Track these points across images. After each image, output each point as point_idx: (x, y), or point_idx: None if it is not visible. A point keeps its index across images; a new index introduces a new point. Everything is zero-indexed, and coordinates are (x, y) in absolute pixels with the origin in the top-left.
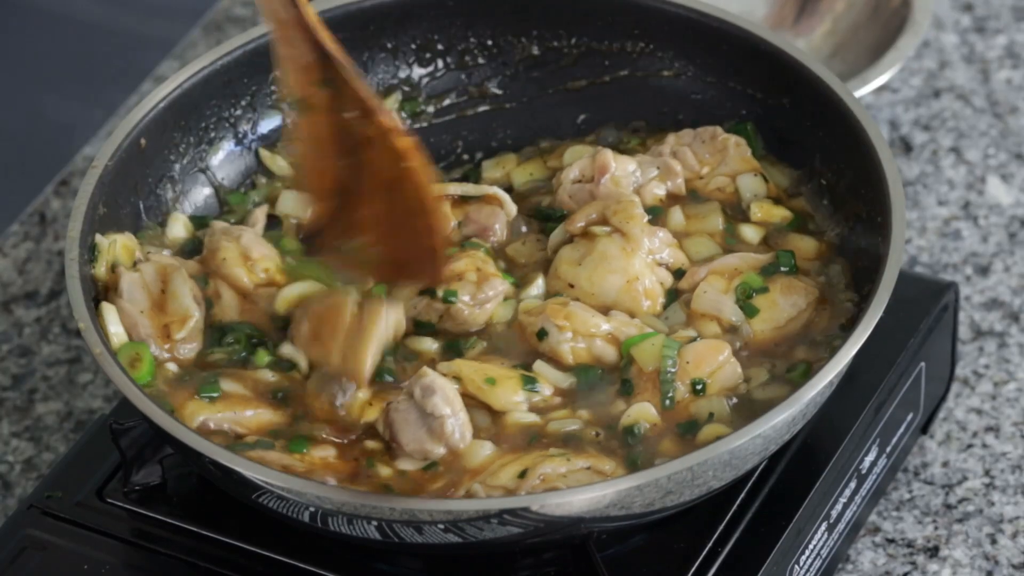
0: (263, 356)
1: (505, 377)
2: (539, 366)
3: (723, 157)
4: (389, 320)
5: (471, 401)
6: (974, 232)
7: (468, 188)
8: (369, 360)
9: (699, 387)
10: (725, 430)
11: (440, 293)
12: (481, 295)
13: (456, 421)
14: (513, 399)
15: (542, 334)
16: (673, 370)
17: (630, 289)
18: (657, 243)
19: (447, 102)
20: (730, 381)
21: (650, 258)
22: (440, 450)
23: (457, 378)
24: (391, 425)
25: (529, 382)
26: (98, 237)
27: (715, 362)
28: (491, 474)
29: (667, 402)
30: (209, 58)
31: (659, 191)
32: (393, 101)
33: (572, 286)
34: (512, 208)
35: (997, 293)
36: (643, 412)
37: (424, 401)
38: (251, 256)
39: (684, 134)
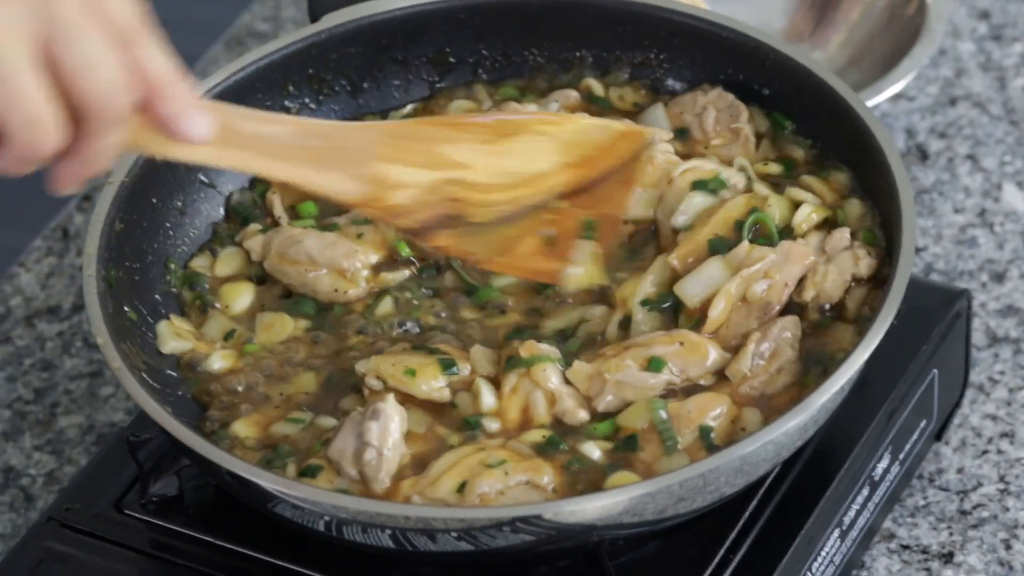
0: None
1: (425, 365)
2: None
3: (730, 141)
4: None
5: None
6: (990, 239)
7: None
8: None
9: (710, 435)
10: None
11: None
12: None
13: (378, 455)
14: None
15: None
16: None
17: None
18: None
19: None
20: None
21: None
22: (353, 472)
23: (380, 378)
24: (341, 427)
25: (447, 365)
26: (161, 327)
27: (717, 411)
28: (430, 483)
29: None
30: (222, 75)
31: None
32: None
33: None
34: None
35: (1013, 300)
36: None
37: (363, 422)
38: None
39: (724, 98)
